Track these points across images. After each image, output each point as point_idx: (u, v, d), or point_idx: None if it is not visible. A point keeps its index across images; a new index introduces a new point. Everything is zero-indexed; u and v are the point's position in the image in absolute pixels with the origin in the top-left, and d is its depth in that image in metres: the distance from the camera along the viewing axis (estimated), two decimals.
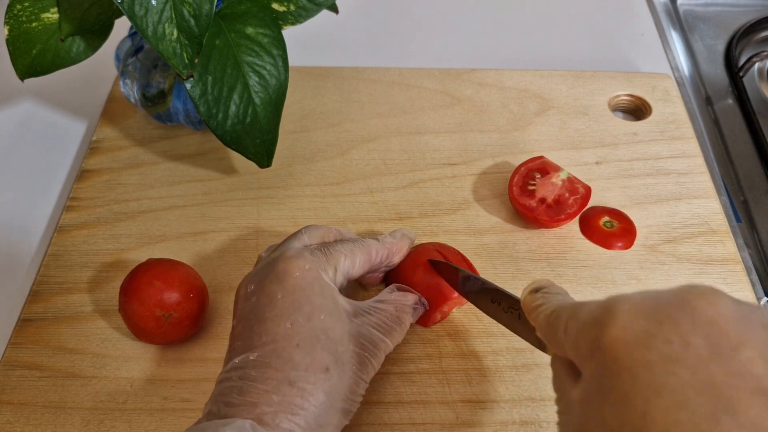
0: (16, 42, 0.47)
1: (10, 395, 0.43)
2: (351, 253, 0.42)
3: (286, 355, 0.35)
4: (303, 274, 0.38)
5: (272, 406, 0.33)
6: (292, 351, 0.35)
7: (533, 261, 0.50)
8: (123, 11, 0.41)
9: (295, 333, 0.36)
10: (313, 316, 0.37)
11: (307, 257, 0.39)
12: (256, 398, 0.34)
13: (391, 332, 0.40)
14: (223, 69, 0.47)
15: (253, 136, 0.49)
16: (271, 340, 0.36)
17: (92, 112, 0.62)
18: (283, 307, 0.37)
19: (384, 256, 0.44)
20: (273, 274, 0.38)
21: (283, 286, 0.37)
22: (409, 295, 0.43)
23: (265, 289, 0.38)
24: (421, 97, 0.61)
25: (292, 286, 0.37)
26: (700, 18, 0.72)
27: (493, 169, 0.56)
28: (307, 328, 0.36)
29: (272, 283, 0.38)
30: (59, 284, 0.48)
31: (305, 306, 0.37)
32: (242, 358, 0.36)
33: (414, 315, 0.43)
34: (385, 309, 0.41)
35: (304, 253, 0.39)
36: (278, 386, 0.34)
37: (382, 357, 0.39)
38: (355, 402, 0.37)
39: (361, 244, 0.43)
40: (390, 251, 0.44)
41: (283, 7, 0.50)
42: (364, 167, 0.56)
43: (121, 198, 0.53)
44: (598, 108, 0.60)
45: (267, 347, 0.35)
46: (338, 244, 0.42)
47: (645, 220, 0.52)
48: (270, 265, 0.39)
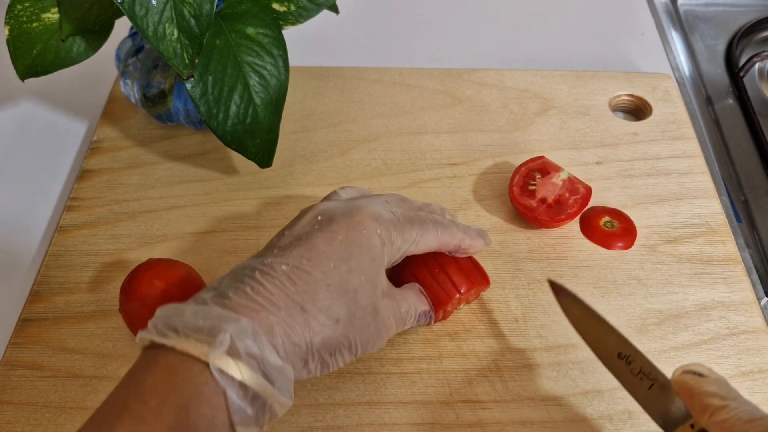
0: (16, 42, 0.47)
1: (11, 395, 0.43)
2: (423, 237, 0.42)
3: (313, 286, 0.36)
4: (369, 236, 0.39)
5: (276, 316, 0.34)
6: (319, 286, 0.36)
7: (534, 261, 0.50)
8: (123, 11, 0.41)
9: (332, 276, 0.37)
10: (354, 273, 0.37)
11: (385, 223, 0.40)
12: (265, 303, 0.34)
13: (395, 327, 0.41)
14: (223, 69, 0.47)
15: (254, 136, 0.49)
16: (309, 266, 0.36)
17: (93, 112, 0.62)
18: (337, 248, 0.37)
19: (454, 246, 0.44)
20: (347, 219, 0.39)
21: (347, 234, 0.38)
22: (423, 303, 0.44)
23: (332, 225, 0.38)
24: (421, 97, 0.61)
25: (355, 238, 0.38)
26: (700, 18, 0.72)
27: (494, 169, 0.56)
28: (345, 279, 0.37)
29: (340, 225, 0.38)
30: (60, 284, 0.48)
31: (353, 261, 0.38)
32: (273, 260, 0.36)
33: (416, 322, 0.44)
34: (402, 303, 0.42)
35: (384, 216, 0.40)
36: (291, 305, 0.35)
37: (385, 341, 0.40)
38: (332, 364, 0.37)
39: (441, 228, 0.43)
40: (463, 244, 0.44)
41: (284, 7, 0.50)
42: (365, 167, 0.56)
43: (122, 198, 0.53)
44: (599, 108, 0.60)
45: (302, 269, 0.36)
46: (420, 222, 0.42)
47: (645, 220, 0.52)
48: (350, 210, 0.40)
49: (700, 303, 0.47)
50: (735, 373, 0.44)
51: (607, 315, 0.46)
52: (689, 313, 0.47)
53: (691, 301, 0.47)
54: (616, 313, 0.47)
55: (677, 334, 0.46)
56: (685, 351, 0.45)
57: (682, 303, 0.47)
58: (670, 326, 0.46)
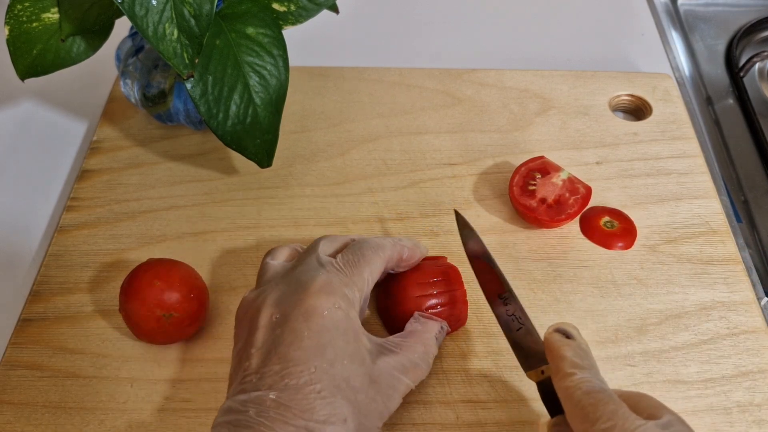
0: (16, 42, 0.47)
1: (11, 395, 0.43)
2: (372, 264, 0.41)
3: (307, 402, 0.34)
4: (331, 314, 0.37)
5: None
6: (313, 399, 0.34)
7: (534, 261, 0.50)
8: (123, 11, 0.41)
9: (318, 379, 0.35)
10: (336, 362, 0.36)
11: (336, 290, 0.38)
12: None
13: (416, 369, 0.40)
14: (223, 69, 0.47)
15: (254, 136, 0.49)
16: (293, 384, 0.35)
17: (93, 112, 0.62)
18: (308, 348, 0.36)
19: (396, 260, 0.43)
20: (300, 310, 0.37)
21: (309, 325, 0.36)
22: (432, 325, 0.42)
23: (291, 324, 0.37)
24: (421, 97, 0.61)
25: (318, 327, 0.36)
26: (700, 18, 0.72)
27: (494, 169, 0.56)
28: (330, 374, 0.35)
29: (298, 320, 0.37)
30: (60, 284, 0.48)
31: (329, 350, 0.36)
32: (260, 395, 0.35)
33: (438, 343, 0.42)
34: (411, 345, 0.40)
35: (331, 282, 0.38)
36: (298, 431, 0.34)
37: (399, 399, 0.39)
38: None
39: (379, 247, 0.42)
40: (401, 255, 0.43)
41: (284, 7, 0.50)
42: (365, 167, 0.56)
43: (122, 198, 0.53)
44: (599, 108, 0.60)
45: (289, 390, 0.35)
46: (360, 256, 0.41)
47: (645, 220, 0.52)
48: (297, 295, 0.38)
49: (700, 303, 0.47)
50: (735, 373, 0.44)
51: (607, 315, 0.47)
52: (689, 313, 0.47)
53: (691, 301, 0.47)
54: (616, 313, 0.47)
55: (677, 334, 0.46)
56: (685, 351, 0.45)
57: (682, 303, 0.47)
58: (670, 326, 0.46)
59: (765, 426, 0.42)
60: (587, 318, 0.46)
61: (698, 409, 0.42)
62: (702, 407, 0.42)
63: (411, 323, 0.42)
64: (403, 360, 0.39)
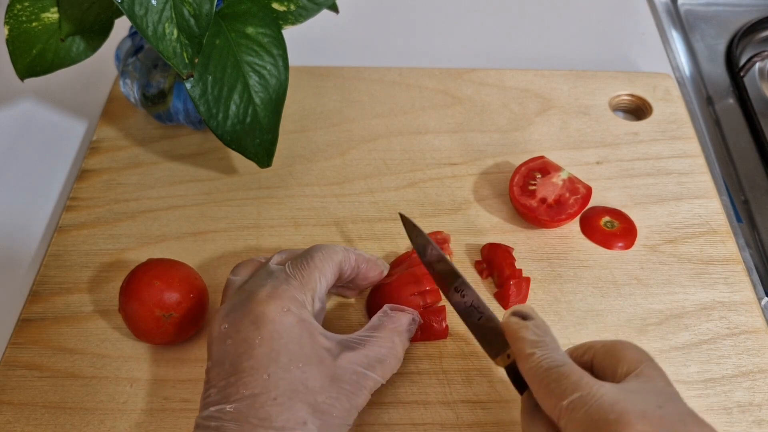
0: (16, 42, 0.47)
1: (10, 395, 0.43)
2: (322, 266, 0.40)
3: (263, 410, 0.34)
4: (281, 319, 0.37)
5: None
6: (269, 406, 0.34)
7: (534, 261, 0.49)
8: (123, 11, 0.41)
9: (272, 386, 0.35)
10: (291, 367, 0.36)
11: (285, 292, 0.38)
12: None
13: (383, 364, 0.39)
14: (223, 69, 0.47)
15: (253, 136, 0.49)
16: (249, 394, 0.35)
17: (92, 112, 0.62)
18: (260, 356, 0.35)
19: (351, 267, 0.43)
20: (249, 318, 0.37)
21: (260, 333, 0.36)
22: (401, 317, 0.41)
23: (241, 334, 0.36)
24: (421, 97, 0.61)
25: (269, 333, 0.36)
26: (701, 18, 0.72)
27: (494, 168, 0.55)
28: (286, 380, 0.35)
29: (248, 329, 0.36)
30: (59, 284, 0.48)
31: (283, 356, 0.36)
32: (218, 409, 0.35)
33: (408, 336, 0.42)
34: (377, 338, 0.39)
35: (279, 287, 0.38)
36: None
37: (367, 395, 0.38)
38: None
39: (329, 250, 0.41)
40: (358, 265, 0.43)
41: (284, 7, 0.50)
42: (365, 167, 0.56)
43: (121, 198, 0.53)
44: (599, 108, 0.60)
45: (245, 401, 0.35)
46: (309, 260, 0.40)
47: (646, 220, 0.52)
48: (246, 305, 0.38)
49: (700, 303, 0.47)
50: (735, 373, 0.44)
51: (607, 315, 0.47)
52: (689, 313, 0.47)
53: (692, 301, 0.47)
54: (616, 313, 0.47)
55: (677, 334, 0.46)
56: (685, 351, 0.45)
57: (683, 303, 0.47)
58: (671, 326, 0.46)
59: (765, 426, 0.42)
60: (587, 318, 0.46)
61: (698, 409, 0.42)
62: (702, 407, 0.42)
63: (378, 316, 0.41)
64: (368, 355, 0.38)
